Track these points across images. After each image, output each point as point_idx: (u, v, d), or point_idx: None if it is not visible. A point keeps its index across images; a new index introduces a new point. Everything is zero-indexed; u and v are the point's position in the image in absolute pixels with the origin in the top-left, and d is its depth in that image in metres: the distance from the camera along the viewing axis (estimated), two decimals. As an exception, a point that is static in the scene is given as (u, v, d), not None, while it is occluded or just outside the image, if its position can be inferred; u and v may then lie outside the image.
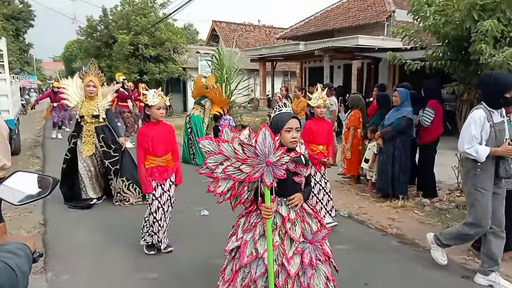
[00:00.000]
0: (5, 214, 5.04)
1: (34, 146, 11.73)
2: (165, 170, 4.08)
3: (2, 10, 28.82)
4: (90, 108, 5.83)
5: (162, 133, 4.06)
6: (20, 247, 1.24)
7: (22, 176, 1.57)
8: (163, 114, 4.03)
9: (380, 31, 16.50)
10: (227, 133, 2.46)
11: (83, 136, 5.86)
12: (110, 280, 3.70)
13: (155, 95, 3.96)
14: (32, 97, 27.63)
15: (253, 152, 2.34)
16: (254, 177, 2.38)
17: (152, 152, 4.01)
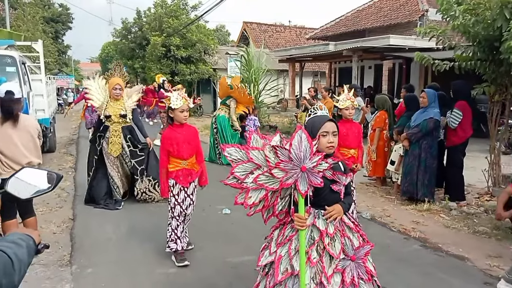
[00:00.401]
0: (37, 209, 5.31)
1: (69, 144, 12.19)
2: (190, 174, 4.00)
3: (43, 13, 30.00)
4: (117, 108, 5.83)
5: (186, 136, 3.97)
6: (23, 237, 1.31)
7: (32, 172, 1.66)
8: (186, 116, 3.95)
9: (412, 30, 16.13)
10: (256, 140, 2.29)
11: (109, 137, 5.82)
12: (131, 275, 3.82)
13: (178, 97, 3.89)
14: (69, 97, 28.66)
15: (287, 156, 2.17)
16: (287, 183, 2.19)
17: (177, 155, 3.93)
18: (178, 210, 3.97)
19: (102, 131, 5.90)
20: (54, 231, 5.00)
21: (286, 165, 2.18)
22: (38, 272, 3.87)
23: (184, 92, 4.02)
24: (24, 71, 7.75)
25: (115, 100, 5.84)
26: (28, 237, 1.35)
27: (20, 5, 26.51)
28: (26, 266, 1.24)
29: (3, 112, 3.83)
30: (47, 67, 22.76)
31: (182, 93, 3.99)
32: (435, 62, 6.10)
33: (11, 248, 1.20)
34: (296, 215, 2.25)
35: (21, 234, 1.34)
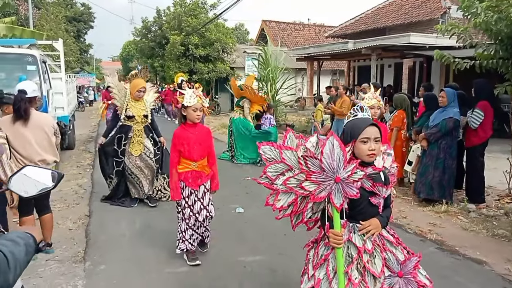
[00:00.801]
0: (54, 205, 5.40)
1: (88, 142, 12.38)
2: (200, 176, 3.82)
3: (65, 12, 30.57)
4: (140, 108, 5.75)
5: (199, 136, 3.79)
6: (21, 236, 1.31)
7: (37, 170, 1.67)
8: (199, 116, 3.76)
9: (433, 29, 15.83)
10: (291, 139, 2.13)
11: (131, 137, 5.73)
12: (143, 273, 3.83)
13: (192, 95, 3.70)
14: (90, 95, 29.17)
15: (319, 166, 1.98)
16: (320, 197, 2.00)
17: (188, 156, 3.76)
18: (187, 212, 3.84)
19: (122, 132, 5.77)
20: (70, 227, 5.07)
21: (318, 176, 1.98)
22: (53, 267, 3.92)
23: (200, 91, 3.83)
24: (45, 70, 7.89)
25: (135, 101, 5.75)
26: (28, 236, 1.35)
27: (44, 4, 27.08)
28: (23, 265, 1.24)
29: (14, 110, 3.89)
30: (69, 65, 23.23)
31: (198, 91, 3.79)
32: (456, 61, 5.95)
33: (8, 246, 1.20)
34: (332, 231, 2.06)
35: (20, 232, 1.34)
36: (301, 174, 2.03)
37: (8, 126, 3.84)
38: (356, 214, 2.14)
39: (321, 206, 2.15)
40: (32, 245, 1.34)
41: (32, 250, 1.33)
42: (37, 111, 4.26)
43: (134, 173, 5.75)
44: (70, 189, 6.78)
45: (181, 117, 3.86)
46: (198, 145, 3.77)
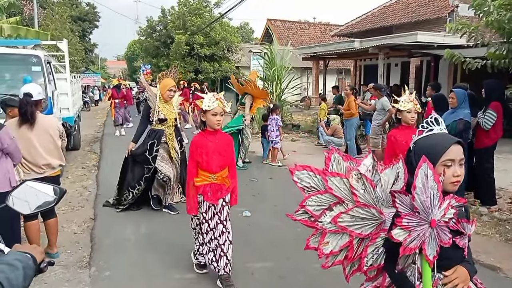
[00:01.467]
0: (59, 208, 5.34)
1: (93, 142, 12.34)
2: (220, 189, 3.46)
3: (70, 12, 30.62)
4: (171, 111, 5.52)
5: (219, 145, 3.41)
6: (20, 258, 1.23)
7: (38, 185, 1.60)
8: (220, 122, 3.39)
9: (441, 27, 15.66)
10: (338, 161, 1.77)
11: (166, 141, 5.48)
12: (148, 279, 3.76)
13: (212, 98, 3.36)
14: (95, 95, 29.22)
15: (409, 205, 1.58)
16: (411, 248, 1.57)
17: (206, 167, 3.39)
18: (205, 227, 3.52)
19: (154, 138, 5.45)
20: (75, 231, 5.01)
21: (411, 220, 1.56)
22: (58, 273, 3.86)
23: (221, 94, 3.48)
24: (49, 70, 7.84)
25: (165, 103, 5.47)
26: (27, 257, 1.27)
27: (49, 4, 27.13)
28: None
29: (20, 114, 3.83)
30: (74, 65, 23.25)
31: (219, 95, 3.45)
32: (466, 60, 5.83)
33: (4, 272, 1.13)
34: None
35: (19, 254, 1.26)
36: (358, 209, 1.65)
37: (14, 129, 3.78)
38: (438, 260, 1.64)
39: (409, 259, 1.68)
40: (31, 267, 1.25)
41: (31, 273, 1.25)
42: (42, 114, 4.21)
43: (169, 178, 5.46)
44: (75, 191, 6.72)
45: (201, 124, 3.50)
46: (217, 154, 3.39)
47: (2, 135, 3.17)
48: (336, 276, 3.83)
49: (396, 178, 1.71)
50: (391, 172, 1.72)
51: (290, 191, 6.88)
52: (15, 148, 3.32)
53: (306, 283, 3.72)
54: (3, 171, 3.24)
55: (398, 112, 3.96)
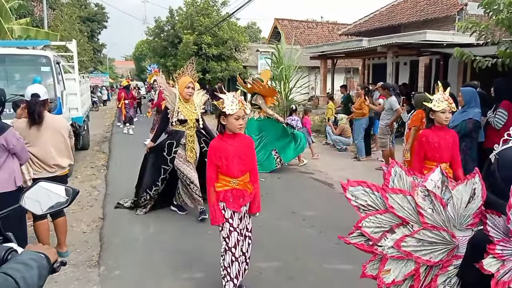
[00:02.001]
0: (68, 208, 5.36)
1: (102, 142, 12.41)
2: (242, 195, 3.19)
3: (79, 13, 30.82)
4: (191, 111, 5.28)
5: (238, 148, 3.18)
6: (35, 257, 1.24)
7: (51, 186, 1.61)
8: (242, 126, 3.14)
9: (450, 25, 15.54)
10: (399, 175, 1.59)
11: (185, 143, 5.25)
12: (157, 278, 3.77)
13: (234, 100, 3.08)
14: (103, 95, 29.39)
15: (505, 228, 1.35)
16: (506, 281, 1.31)
17: (226, 171, 3.14)
18: (235, 237, 3.16)
19: (173, 139, 5.25)
20: (84, 230, 5.05)
21: (506, 247, 1.34)
22: (68, 272, 3.88)
23: (240, 95, 3.21)
24: (58, 71, 7.89)
25: (185, 103, 5.26)
26: (41, 257, 1.27)
27: (58, 5, 27.32)
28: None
29: (29, 114, 3.87)
30: (83, 65, 23.41)
31: (239, 95, 3.18)
32: (477, 59, 5.77)
33: (20, 271, 1.14)
34: None
35: (34, 253, 1.27)
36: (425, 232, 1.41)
37: (25, 130, 3.82)
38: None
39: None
40: (46, 267, 1.26)
41: (45, 272, 1.25)
42: (51, 114, 4.24)
43: (194, 183, 5.17)
44: (84, 191, 6.76)
45: (220, 127, 3.20)
46: (238, 158, 3.17)
47: (8, 136, 3.19)
48: (345, 277, 3.82)
49: (471, 196, 1.49)
50: (465, 189, 1.51)
51: (298, 191, 6.87)
52: (21, 149, 3.34)
53: (315, 283, 3.71)
54: (9, 171, 3.26)
55: (431, 112, 3.72)
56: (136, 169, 5.84)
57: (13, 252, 1.30)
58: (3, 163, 3.23)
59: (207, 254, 4.18)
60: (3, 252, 1.28)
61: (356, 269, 3.93)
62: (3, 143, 3.17)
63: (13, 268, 1.14)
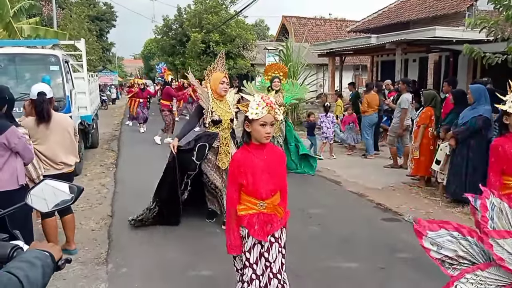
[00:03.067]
0: (77, 205, 5.43)
1: (111, 140, 12.49)
2: (270, 221, 2.59)
3: (88, 12, 31.02)
4: (226, 110, 4.78)
5: (269, 162, 2.57)
6: (39, 256, 1.26)
7: (56, 183, 1.63)
8: (269, 135, 2.52)
9: (460, 21, 15.37)
10: (500, 209, 1.22)
11: (219, 146, 4.77)
12: (165, 276, 3.79)
13: (261, 103, 2.49)
14: (112, 93, 29.57)
15: None
16: None
17: (252, 191, 2.54)
18: (249, 275, 2.59)
19: (206, 141, 4.73)
20: (92, 228, 5.09)
21: None
22: (76, 270, 3.92)
23: (271, 97, 2.60)
24: (67, 70, 7.96)
25: (219, 101, 4.79)
26: (46, 255, 1.29)
27: (67, 4, 27.54)
28: (39, 287, 1.18)
29: (37, 113, 3.90)
30: (92, 64, 23.56)
31: (269, 98, 2.57)
32: (486, 55, 5.71)
33: (24, 270, 1.15)
34: None
35: (38, 251, 1.29)
36: None
37: (33, 128, 3.86)
38: None
39: None
40: (50, 265, 1.28)
41: (50, 270, 1.27)
42: (57, 112, 4.28)
43: (219, 188, 4.82)
44: (93, 189, 6.82)
45: (245, 135, 2.62)
46: (267, 175, 2.55)
47: (9, 135, 3.20)
48: (352, 275, 3.81)
49: None
50: None
51: (306, 188, 6.86)
52: (23, 148, 3.34)
53: (322, 281, 3.70)
54: (11, 170, 3.28)
55: (504, 116, 3.04)
56: (145, 167, 5.87)
57: (18, 249, 1.32)
58: (5, 162, 3.24)
59: (214, 252, 4.18)
60: (9, 250, 1.30)
61: (362, 267, 3.94)
62: (4, 142, 3.17)
63: (17, 267, 1.16)
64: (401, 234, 4.74)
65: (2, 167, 3.23)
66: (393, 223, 5.16)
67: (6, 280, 1.09)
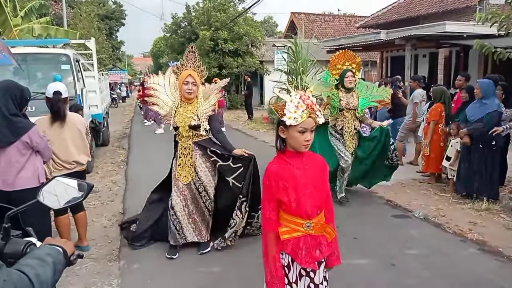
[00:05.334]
0: (89, 202, 5.50)
1: (122, 138, 12.61)
2: (318, 245, 2.15)
3: (98, 11, 31.22)
4: (186, 115, 4.08)
5: (312, 173, 2.15)
6: (51, 252, 1.29)
7: (67, 180, 1.66)
8: (309, 142, 2.09)
9: (470, 16, 15.19)
10: None
11: (178, 157, 4.17)
12: (176, 272, 3.84)
13: (300, 105, 2.02)
14: (122, 91, 29.80)
15: None
16: None
17: (296, 209, 2.11)
18: None
19: (174, 148, 4.28)
20: (104, 224, 5.16)
21: None
22: (89, 266, 3.99)
23: (311, 97, 2.08)
24: (78, 69, 8.05)
25: (187, 104, 4.11)
26: (58, 251, 1.32)
27: (77, 4, 27.74)
28: (51, 285, 1.21)
29: (52, 112, 3.96)
30: (102, 62, 23.74)
31: (309, 97, 2.06)
32: (497, 50, 5.65)
33: (34, 267, 1.17)
34: None
35: (51, 248, 1.32)
36: None
37: (47, 127, 3.92)
38: None
39: None
40: (61, 261, 1.31)
41: (61, 267, 1.30)
42: (69, 112, 4.33)
43: (175, 210, 4.12)
44: (105, 186, 6.90)
45: (279, 142, 2.18)
46: (312, 188, 2.13)
47: (32, 134, 3.28)
48: (363, 271, 3.81)
49: None
50: None
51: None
52: (45, 146, 3.43)
53: (332, 278, 3.69)
54: (32, 168, 3.36)
55: None
56: (155, 164, 5.92)
57: (31, 245, 1.35)
58: (27, 160, 3.32)
59: (225, 249, 4.22)
60: (22, 246, 1.34)
61: (372, 264, 3.94)
62: (27, 141, 3.26)
63: (27, 264, 1.18)
64: (411, 230, 4.74)
65: (24, 165, 3.31)
66: (403, 220, 5.15)
67: (17, 279, 1.11)
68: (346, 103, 5.50)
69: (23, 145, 3.26)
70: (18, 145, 3.24)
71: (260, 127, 14.63)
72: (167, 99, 4.22)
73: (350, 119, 5.57)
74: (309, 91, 2.12)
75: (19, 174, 3.29)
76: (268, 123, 14.96)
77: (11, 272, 1.13)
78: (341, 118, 5.58)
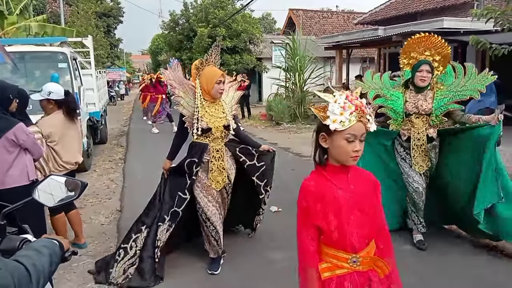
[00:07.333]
0: (87, 200, 5.51)
1: (120, 136, 12.63)
2: (367, 282, 1.73)
3: (95, 8, 31.15)
4: (217, 116, 3.68)
5: (358, 194, 1.72)
6: (47, 244, 1.31)
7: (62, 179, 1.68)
8: (358, 153, 1.67)
9: (468, 12, 15.19)
10: None
11: (210, 161, 3.68)
12: (173, 268, 3.85)
13: (347, 105, 1.63)
14: (121, 89, 29.78)
15: None
16: None
17: (339, 241, 1.71)
18: None
19: (194, 155, 3.69)
20: (102, 222, 5.18)
21: None
22: (86, 263, 4.01)
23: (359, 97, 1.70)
24: (75, 67, 8.05)
25: (211, 103, 3.69)
26: (54, 243, 1.34)
27: (74, 1, 27.67)
28: (47, 276, 1.24)
29: (69, 112, 3.97)
30: (100, 60, 23.71)
31: (357, 97, 1.68)
32: (493, 46, 5.67)
33: (31, 258, 1.19)
34: None
35: (46, 240, 1.34)
36: None
37: (60, 126, 3.94)
38: None
39: None
40: (57, 253, 1.33)
41: (57, 260, 1.32)
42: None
43: (211, 220, 3.69)
44: (102, 184, 6.92)
45: (319, 153, 1.77)
46: (358, 213, 1.71)
47: (17, 131, 3.26)
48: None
49: None
50: None
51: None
52: (32, 144, 3.41)
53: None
54: (20, 166, 3.35)
55: None
56: (153, 162, 5.90)
57: (27, 242, 1.38)
58: (15, 158, 3.32)
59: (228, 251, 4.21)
60: (18, 243, 1.36)
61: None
62: (12, 138, 3.24)
63: (24, 255, 1.20)
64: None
65: (12, 164, 3.31)
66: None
67: (13, 268, 1.12)
68: (414, 105, 4.02)
69: (9, 142, 3.25)
70: (4, 143, 3.23)
71: (258, 124, 14.65)
72: (188, 99, 3.70)
73: (422, 128, 4.02)
74: (355, 93, 1.72)
75: (8, 172, 3.28)
76: (266, 120, 14.98)
77: (8, 261, 1.14)
78: (408, 126, 4.06)
